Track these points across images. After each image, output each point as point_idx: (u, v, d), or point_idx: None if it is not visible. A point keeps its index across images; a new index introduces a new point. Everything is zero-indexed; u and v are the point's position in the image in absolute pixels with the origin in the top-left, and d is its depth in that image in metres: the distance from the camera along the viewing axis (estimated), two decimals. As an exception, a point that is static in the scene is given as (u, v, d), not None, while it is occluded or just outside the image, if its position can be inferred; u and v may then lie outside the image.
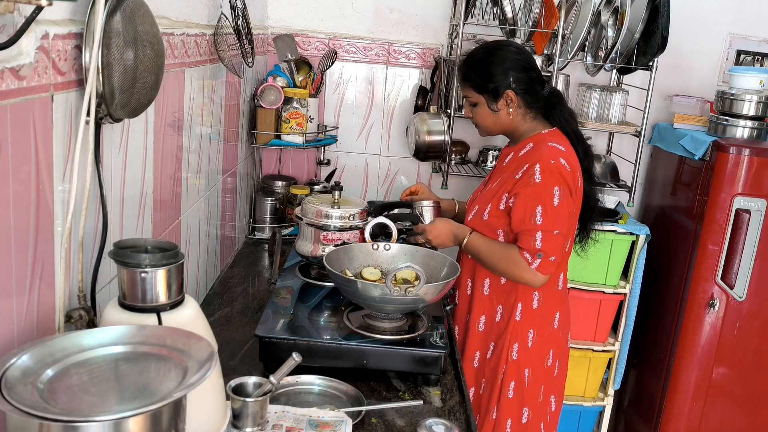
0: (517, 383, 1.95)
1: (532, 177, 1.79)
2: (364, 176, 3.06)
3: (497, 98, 1.88)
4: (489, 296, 1.98)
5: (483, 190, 2.04)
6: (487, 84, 1.87)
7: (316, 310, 1.77)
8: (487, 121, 1.93)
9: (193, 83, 1.74)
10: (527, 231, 1.80)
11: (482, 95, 1.89)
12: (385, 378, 1.62)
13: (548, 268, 1.81)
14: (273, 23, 2.87)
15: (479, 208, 1.94)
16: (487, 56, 1.89)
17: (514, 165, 1.88)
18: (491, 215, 1.90)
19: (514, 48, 1.92)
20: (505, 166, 1.94)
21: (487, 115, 1.92)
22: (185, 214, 1.77)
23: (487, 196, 1.94)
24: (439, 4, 2.89)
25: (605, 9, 2.64)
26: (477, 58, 1.90)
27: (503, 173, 1.92)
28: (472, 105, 1.94)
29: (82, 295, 1.13)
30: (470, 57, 1.93)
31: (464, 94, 1.96)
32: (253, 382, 1.27)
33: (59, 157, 1.04)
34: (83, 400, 0.77)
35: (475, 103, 1.92)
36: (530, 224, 1.79)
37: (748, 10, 2.97)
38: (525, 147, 1.90)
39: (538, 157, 1.81)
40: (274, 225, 2.63)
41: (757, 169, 2.51)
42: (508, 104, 1.88)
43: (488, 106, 1.90)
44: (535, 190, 1.79)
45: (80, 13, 1.06)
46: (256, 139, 2.59)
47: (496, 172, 2.01)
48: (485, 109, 1.91)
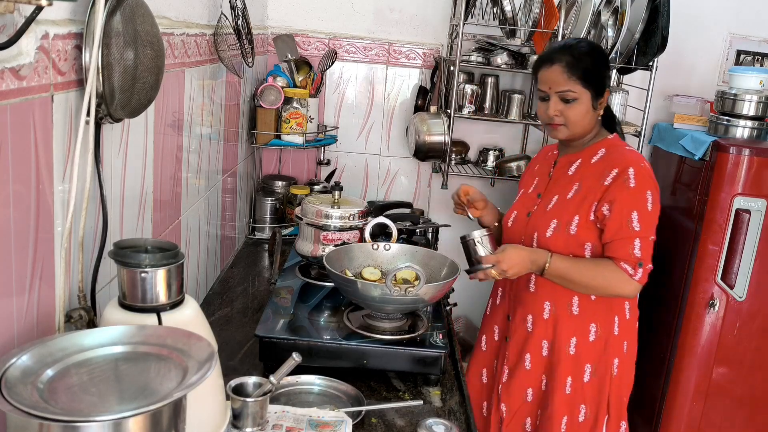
0: (618, 399, 1.87)
1: (627, 181, 1.69)
2: (364, 176, 3.06)
3: (600, 96, 1.77)
4: (579, 316, 1.81)
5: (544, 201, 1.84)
6: (597, 79, 1.75)
7: (316, 310, 1.77)
8: (585, 119, 1.77)
9: (193, 83, 1.74)
10: (624, 239, 1.69)
11: (588, 90, 1.74)
12: (385, 378, 1.62)
13: (646, 277, 1.71)
14: (273, 23, 2.87)
15: (560, 221, 1.77)
16: (596, 50, 1.79)
17: (591, 171, 1.77)
18: (580, 227, 1.75)
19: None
20: (575, 174, 1.81)
21: (586, 112, 1.76)
22: (185, 214, 1.77)
23: (568, 208, 1.77)
24: (439, 4, 2.89)
25: (605, 9, 2.64)
26: (588, 50, 1.76)
27: (576, 181, 1.79)
28: (565, 100, 1.75)
29: (82, 295, 1.13)
30: (579, 48, 1.76)
31: (561, 88, 1.75)
32: (253, 382, 1.27)
33: (59, 157, 1.04)
34: (83, 400, 0.77)
35: (572, 98, 1.74)
36: (627, 231, 1.68)
37: (748, 10, 2.97)
38: (597, 152, 1.80)
39: (627, 161, 1.72)
40: (274, 225, 2.63)
41: (757, 169, 2.50)
42: (601, 105, 1.79)
43: (591, 102, 1.76)
44: (630, 194, 1.69)
45: (80, 13, 1.06)
46: (256, 139, 2.59)
47: (559, 181, 1.84)
48: (586, 105, 1.76)
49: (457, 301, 2.36)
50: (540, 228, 1.80)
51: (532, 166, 2.02)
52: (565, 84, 1.74)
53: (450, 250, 2.08)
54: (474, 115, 2.74)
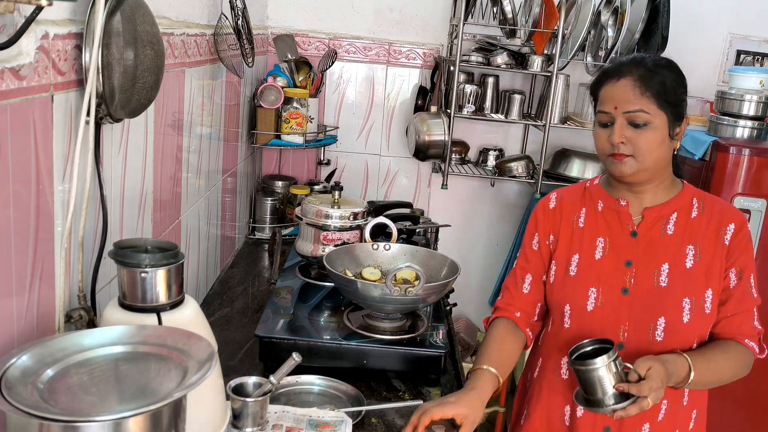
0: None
1: (743, 240, 1.42)
2: (364, 176, 3.06)
3: (680, 119, 1.39)
4: (687, 407, 1.53)
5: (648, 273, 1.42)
6: (676, 99, 1.37)
7: (316, 310, 1.77)
8: (658, 150, 1.37)
9: (193, 83, 1.74)
10: (746, 311, 1.43)
11: (665, 112, 1.35)
12: (385, 378, 1.62)
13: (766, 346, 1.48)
14: (273, 23, 2.87)
15: (694, 299, 1.39)
16: (675, 66, 1.41)
17: (701, 229, 1.42)
18: (714, 305, 1.41)
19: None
20: (678, 234, 1.43)
21: (661, 142, 1.37)
22: (185, 214, 1.77)
23: (695, 280, 1.40)
24: (439, 4, 2.89)
25: (605, 9, 2.64)
26: (665, 63, 1.40)
27: (690, 243, 1.42)
28: (635, 124, 1.36)
29: (82, 295, 1.13)
30: (655, 60, 1.40)
31: (631, 107, 1.35)
32: (253, 382, 1.27)
33: (59, 157, 1.04)
34: (83, 400, 0.77)
35: (644, 121, 1.35)
36: (749, 302, 1.42)
37: (748, 10, 2.97)
38: (692, 203, 1.45)
39: (737, 213, 1.45)
40: (274, 225, 2.63)
41: (757, 169, 2.50)
42: (678, 136, 1.41)
43: (668, 129, 1.37)
44: (750, 256, 1.43)
45: (80, 13, 1.06)
46: (256, 139, 2.59)
47: (658, 243, 1.43)
48: (661, 132, 1.36)
49: (457, 301, 2.35)
50: (668, 311, 1.40)
51: (570, 215, 1.54)
52: (637, 102, 1.35)
53: (450, 250, 2.08)
54: (474, 115, 2.74)
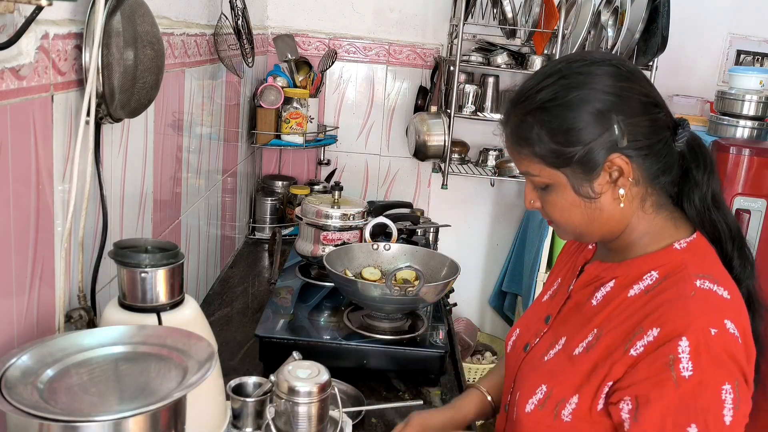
0: None
1: (674, 367, 0.88)
2: (364, 176, 3.06)
3: (592, 171, 0.97)
4: None
5: (547, 338, 1.10)
6: (568, 147, 0.96)
7: (316, 310, 1.77)
8: (574, 216, 1.01)
9: (193, 83, 1.74)
10: None
11: (560, 170, 0.98)
12: (385, 378, 1.62)
13: None
14: (273, 23, 2.87)
15: (550, 392, 1.01)
16: (562, 90, 0.97)
17: (620, 317, 0.98)
18: (580, 418, 0.97)
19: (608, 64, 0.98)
20: (598, 307, 1.03)
21: (572, 205, 1.00)
22: (185, 214, 1.77)
23: (568, 373, 1.00)
24: (439, 4, 2.89)
25: (605, 9, 2.63)
26: (542, 98, 0.98)
27: (596, 326, 1.01)
28: (539, 188, 1.03)
29: (82, 295, 1.13)
30: (526, 94, 1.00)
31: (523, 170, 1.03)
32: (253, 382, 1.28)
33: (59, 157, 1.04)
34: (83, 400, 0.77)
35: (545, 184, 1.01)
36: None
37: (748, 10, 2.97)
38: (642, 278, 0.99)
39: (684, 321, 0.90)
40: (274, 225, 2.63)
41: (757, 169, 2.50)
42: (614, 180, 0.98)
43: (574, 189, 0.98)
44: (681, 394, 0.88)
45: (80, 13, 1.06)
46: (256, 139, 2.59)
47: (577, 309, 1.08)
48: (568, 195, 0.99)
49: (457, 301, 2.35)
50: (524, 389, 1.07)
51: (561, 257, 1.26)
52: (521, 163, 1.03)
53: (450, 250, 2.08)
54: (474, 115, 2.74)
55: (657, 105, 0.99)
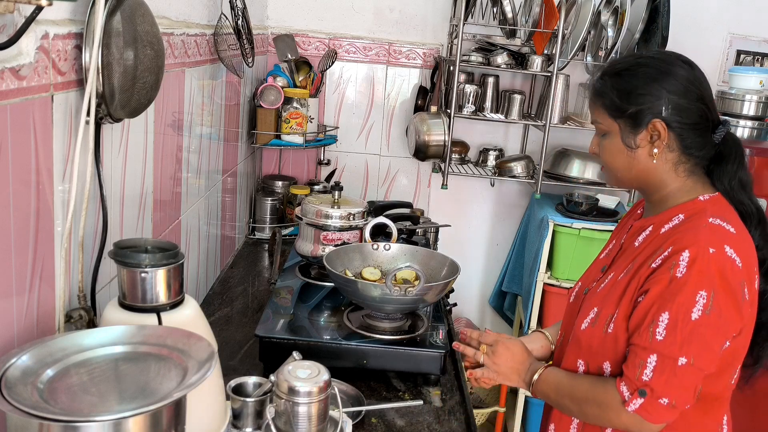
0: None
1: (674, 268, 1.15)
2: (364, 176, 3.06)
3: (638, 127, 1.24)
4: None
5: (603, 278, 1.34)
6: (626, 104, 1.24)
7: (316, 310, 1.77)
8: (618, 161, 1.29)
9: (193, 83, 1.74)
10: (637, 346, 1.18)
11: (616, 121, 1.26)
12: (385, 378, 1.62)
13: (660, 414, 1.15)
14: (273, 23, 2.87)
15: (600, 311, 1.27)
16: (635, 65, 1.27)
17: (653, 246, 1.24)
18: (619, 326, 1.22)
19: (682, 62, 1.27)
20: (639, 247, 1.28)
21: (618, 151, 1.28)
22: (185, 214, 1.77)
23: (613, 294, 1.26)
24: (439, 4, 2.89)
25: (605, 9, 2.64)
26: (619, 67, 1.29)
27: (635, 257, 1.27)
28: (600, 135, 1.31)
29: (82, 295, 1.13)
30: (611, 65, 1.32)
31: (593, 118, 1.33)
32: (253, 382, 1.28)
33: (59, 157, 1.04)
34: (83, 400, 0.77)
35: (602, 132, 1.30)
36: (644, 338, 1.16)
37: (748, 10, 2.97)
38: (671, 219, 1.25)
39: (691, 241, 1.16)
40: (274, 225, 2.63)
41: (757, 169, 2.50)
42: (652, 140, 1.24)
43: (622, 138, 1.26)
44: (670, 288, 1.15)
45: (80, 13, 1.06)
46: (256, 139, 2.59)
47: (626, 252, 1.33)
48: (617, 142, 1.27)
49: (457, 301, 2.35)
50: (581, 314, 1.33)
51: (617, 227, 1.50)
52: (594, 112, 1.32)
53: (450, 250, 2.08)
54: (474, 115, 2.74)
55: (705, 102, 1.26)
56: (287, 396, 1.15)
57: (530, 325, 2.75)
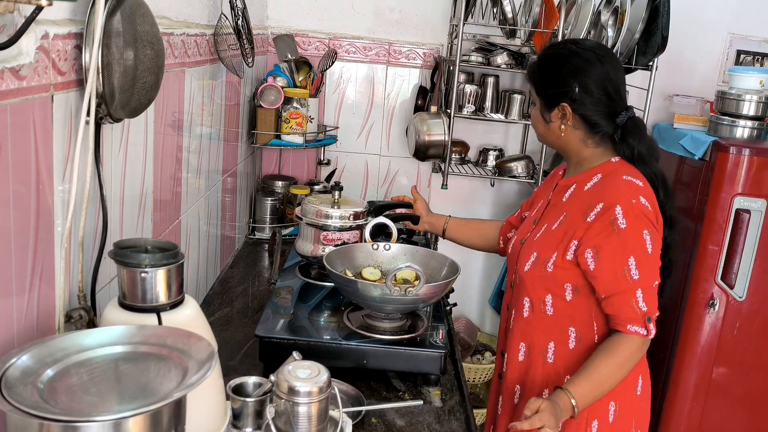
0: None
1: (615, 222, 1.44)
2: (364, 176, 3.06)
3: (551, 107, 1.58)
4: (554, 365, 1.59)
5: (537, 229, 1.64)
6: (545, 87, 1.59)
7: (316, 310, 1.77)
8: (538, 127, 1.66)
9: (193, 83, 1.74)
10: (624, 293, 1.45)
11: (539, 96, 1.62)
12: (385, 378, 1.62)
13: (655, 327, 1.47)
14: (273, 23, 2.87)
15: (539, 255, 1.57)
16: (560, 54, 1.59)
17: (579, 202, 1.55)
18: (557, 266, 1.53)
19: (601, 56, 1.55)
20: (567, 202, 1.59)
21: (538, 120, 1.64)
22: (185, 214, 1.77)
23: (549, 241, 1.57)
24: (439, 4, 2.89)
25: (605, 9, 2.64)
26: (548, 53, 1.65)
27: (565, 210, 1.58)
28: (532, 103, 1.68)
29: (82, 295, 1.13)
30: (547, 49, 1.70)
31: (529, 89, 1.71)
32: (253, 382, 1.28)
33: (59, 157, 1.04)
34: (83, 400, 0.77)
35: (533, 101, 1.66)
36: (626, 283, 1.44)
37: (748, 10, 2.98)
38: (591, 178, 1.56)
39: (616, 196, 1.47)
40: (274, 225, 2.63)
41: (757, 169, 2.50)
42: (561, 119, 1.57)
43: (541, 112, 1.62)
44: (621, 238, 1.44)
45: (80, 13, 1.06)
46: (256, 139, 2.59)
47: (554, 207, 1.63)
48: (537, 113, 1.63)
49: (457, 301, 2.35)
50: (522, 260, 1.62)
51: (541, 187, 1.84)
52: (529, 83, 1.68)
53: (450, 251, 2.08)
54: (474, 115, 2.74)
55: (610, 93, 1.54)
56: (287, 396, 1.15)
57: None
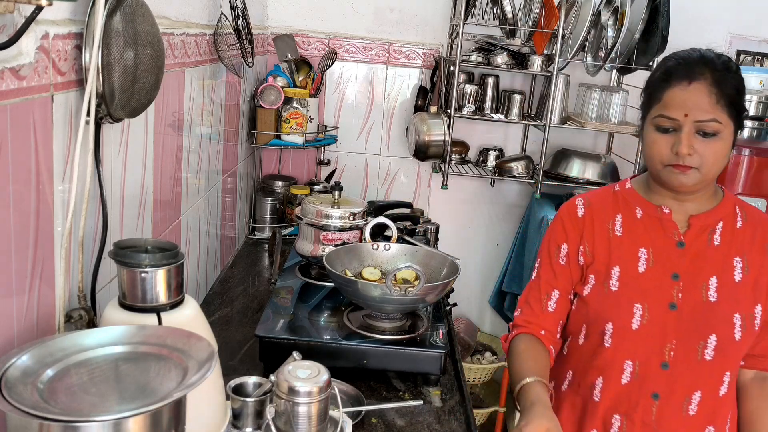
0: None
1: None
2: (364, 176, 3.06)
3: (741, 130, 1.32)
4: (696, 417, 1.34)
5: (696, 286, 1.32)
6: (740, 102, 1.28)
7: (316, 310, 1.77)
8: (722, 162, 1.28)
9: (193, 83, 1.74)
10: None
11: (733, 121, 1.27)
12: (385, 378, 1.62)
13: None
14: (273, 23, 2.87)
15: (744, 315, 1.30)
16: (739, 69, 1.31)
17: (745, 240, 1.35)
18: (764, 321, 1.33)
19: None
20: (725, 245, 1.34)
21: (728, 152, 1.28)
22: (185, 214, 1.77)
23: (746, 294, 1.31)
24: (439, 4, 2.89)
25: (605, 9, 2.64)
26: (735, 69, 1.29)
27: (736, 255, 1.34)
28: (704, 134, 1.25)
29: (82, 295, 1.13)
30: (726, 65, 1.28)
31: (704, 116, 1.24)
32: (253, 382, 1.28)
33: (59, 157, 1.04)
34: (83, 400, 0.77)
35: (714, 131, 1.25)
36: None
37: (748, 10, 2.97)
38: (735, 213, 1.37)
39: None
40: (274, 225, 2.63)
41: (757, 169, 2.51)
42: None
43: (733, 138, 1.28)
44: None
45: (80, 13, 1.06)
46: (256, 139, 2.59)
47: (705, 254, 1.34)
48: (728, 143, 1.27)
49: (457, 301, 2.35)
50: (719, 327, 1.30)
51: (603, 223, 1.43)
52: (711, 110, 1.23)
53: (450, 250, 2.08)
54: (474, 115, 2.74)
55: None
56: (287, 396, 1.15)
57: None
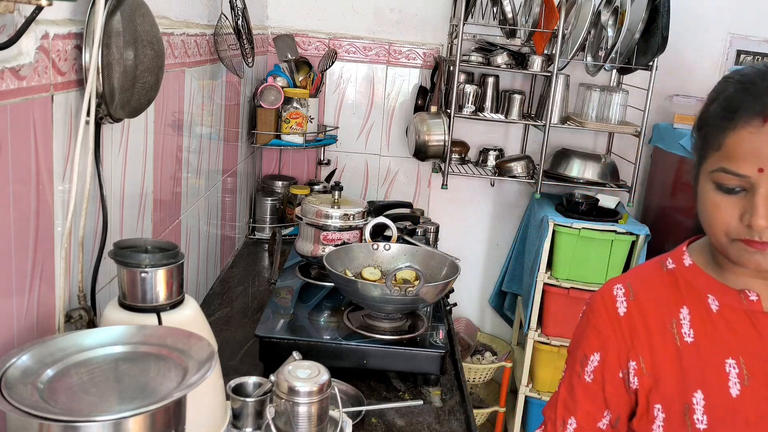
0: None
1: None
2: (364, 176, 3.06)
3: None
4: None
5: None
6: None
7: (316, 310, 1.77)
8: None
9: (193, 83, 1.74)
10: None
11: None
12: (385, 378, 1.62)
13: None
14: (273, 23, 2.87)
15: None
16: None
17: None
18: None
19: None
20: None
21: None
22: (185, 214, 1.77)
23: None
24: (439, 4, 2.89)
25: (605, 9, 2.63)
26: None
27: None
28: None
29: (82, 295, 1.13)
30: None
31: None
32: (253, 382, 1.28)
33: (59, 157, 1.04)
34: (83, 400, 0.77)
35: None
36: None
37: (748, 10, 2.97)
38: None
39: None
40: (274, 225, 2.63)
41: (757, 169, 2.50)
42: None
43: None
44: None
45: (80, 13, 1.06)
46: (256, 139, 2.59)
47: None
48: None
49: (457, 301, 2.35)
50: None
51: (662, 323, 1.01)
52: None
53: (450, 251, 2.08)
54: (474, 115, 2.74)
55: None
56: (287, 396, 1.15)
57: (530, 324, 2.75)
